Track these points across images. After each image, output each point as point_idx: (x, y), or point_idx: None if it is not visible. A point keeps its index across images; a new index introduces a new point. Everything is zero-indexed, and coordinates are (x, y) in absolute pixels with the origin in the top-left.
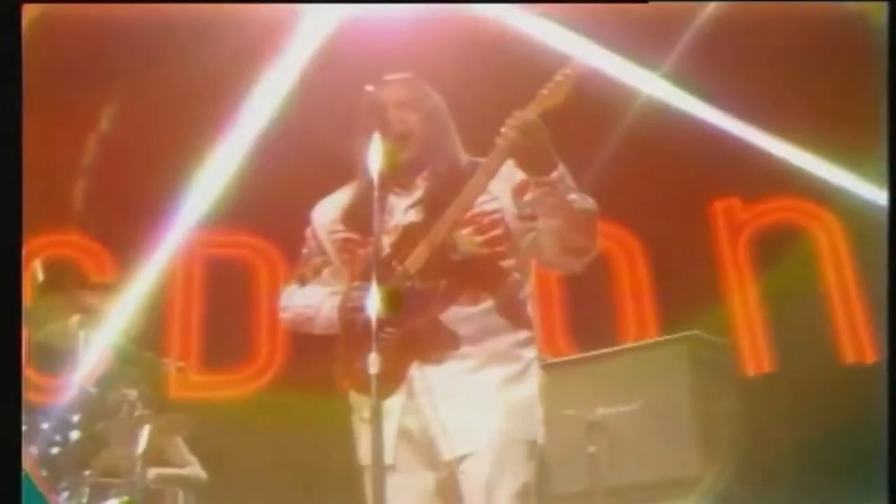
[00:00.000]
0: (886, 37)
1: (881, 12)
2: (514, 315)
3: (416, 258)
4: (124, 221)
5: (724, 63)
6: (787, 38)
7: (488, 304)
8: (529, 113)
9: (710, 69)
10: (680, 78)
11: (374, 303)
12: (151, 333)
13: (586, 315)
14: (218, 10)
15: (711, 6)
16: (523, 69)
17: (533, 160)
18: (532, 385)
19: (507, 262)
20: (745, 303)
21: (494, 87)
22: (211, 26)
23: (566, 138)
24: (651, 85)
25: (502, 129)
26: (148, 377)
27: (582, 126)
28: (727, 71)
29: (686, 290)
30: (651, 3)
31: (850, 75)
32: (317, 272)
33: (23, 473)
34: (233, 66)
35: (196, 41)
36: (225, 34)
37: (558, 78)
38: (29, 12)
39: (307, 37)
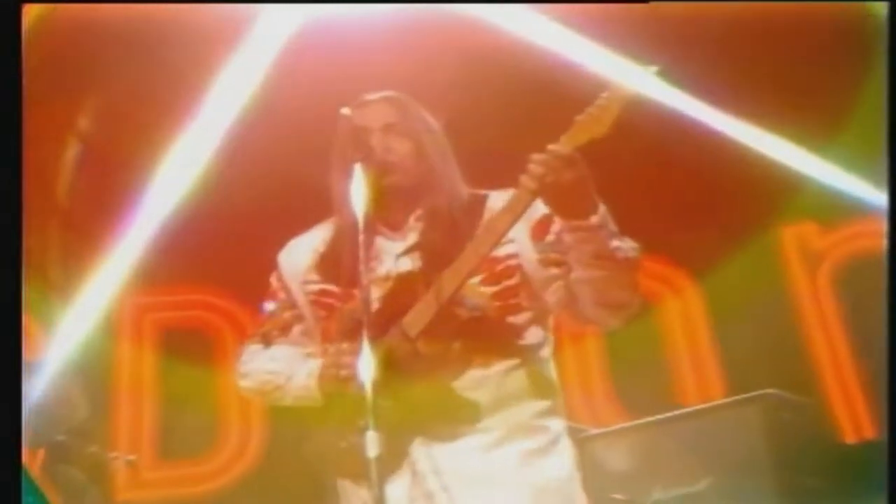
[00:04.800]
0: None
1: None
2: (534, 378)
3: (418, 316)
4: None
5: (741, 74)
6: (790, 43)
7: (504, 365)
8: (564, 146)
9: (733, 81)
10: (700, 89)
11: (367, 370)
12: (94, 423)
13: (633, 374)
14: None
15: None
16: (535, 82)
17: (568, 202)
18: (565, 463)
19: (524, 316)
20: (832, 351)
21: (501, 103)
22: (161, 33)
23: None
24: (679, 98)
25: (529, 163)
26: (91, 477)
27: (612, 149)
28: (746, 82)
29: (755, 338)
30: (651, 6)
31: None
32: (285, 330)
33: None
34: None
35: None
36: (177, 41)
37: (601, 102)
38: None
39: (271, 44)
